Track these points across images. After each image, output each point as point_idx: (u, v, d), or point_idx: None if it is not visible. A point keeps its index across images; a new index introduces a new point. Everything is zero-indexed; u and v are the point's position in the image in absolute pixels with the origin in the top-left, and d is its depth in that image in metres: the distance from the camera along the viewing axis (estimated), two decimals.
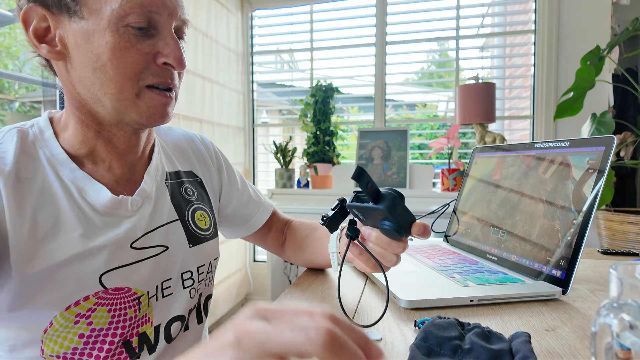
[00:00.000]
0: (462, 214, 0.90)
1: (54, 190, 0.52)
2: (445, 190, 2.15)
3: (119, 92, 0.52)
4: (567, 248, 0.61)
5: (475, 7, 2.43)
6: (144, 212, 0.59)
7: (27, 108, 1.78)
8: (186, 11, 0.57)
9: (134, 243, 0.57)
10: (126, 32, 0.50)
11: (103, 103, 0.53)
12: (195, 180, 0.72)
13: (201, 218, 0.69)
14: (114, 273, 0.53)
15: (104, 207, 0.55)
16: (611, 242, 1.73)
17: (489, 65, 2.91)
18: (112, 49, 0.50)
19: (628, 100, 2.02)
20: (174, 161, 0.70)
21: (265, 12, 2.73)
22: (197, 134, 0.79)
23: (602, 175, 0.60)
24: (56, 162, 0.54)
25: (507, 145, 0.83)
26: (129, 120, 0.55)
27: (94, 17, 0.49)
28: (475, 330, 0.40)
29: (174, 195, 0.66)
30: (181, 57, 0.55)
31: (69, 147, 0.56)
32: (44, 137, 0.55)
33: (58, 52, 0.52)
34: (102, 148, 0.57)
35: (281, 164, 2.41)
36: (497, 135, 2.07)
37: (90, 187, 0.55)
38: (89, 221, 0.53)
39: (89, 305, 0.51)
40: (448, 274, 0.67)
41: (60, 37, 0.51)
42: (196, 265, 0.65)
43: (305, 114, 2.51)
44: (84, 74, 0.52)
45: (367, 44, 2.52)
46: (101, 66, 0.50)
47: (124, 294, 0.54)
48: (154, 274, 0.58)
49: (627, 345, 0.24)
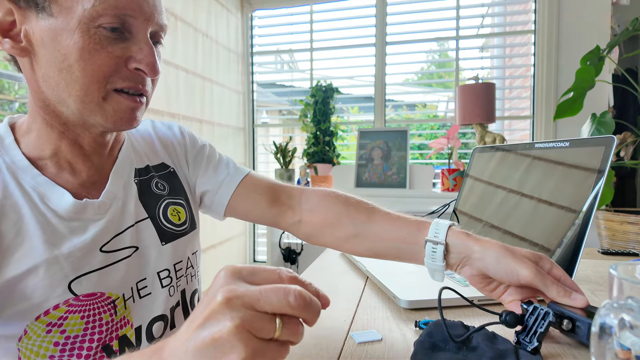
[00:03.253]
0: (462, 214, 0.90)
1: (15, 199, 0.50)
2: (445, 190, 2.15)
3: (85, 95, 0.50)
4: (567, 248, 0.61)
5: (475, 7, 2.43)
6: (112, 213, 0.57)
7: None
8: (164, 16, 0.55)
9: (103, 247, 0.55)
10: (97, 33, 0.48)
11: (67, 104, 0.51)
12: (167, 172, 0.69)
13: (174, 213, 0.66)
14: (84, 279, 0.52)
15: (67, 213, 0.52)
16: (611, 242, 1.73)
17: (489, 66, 2.91)
18: (80, 49, 0.47)
19: (628, 100, 2.02)
20: (142, 157, 0.67)
21: (265, 13, 2.73)
22: (165, 122, 0.75)
23: (602, 175, 0.60)
24: (17, 169, 0.52)
25: (507, 145, 0.83)
26: (94, 122, 0.52)
27: (64, 16, 0.47)
28: (481, 332, 0.40)
29: (143, 193, 0.63)
30: (154, 63, 0.52)
31: (31, 151, 0.54)
32: (3, 144, 0.53)
33: (22, 48, 0.49)
34: (67, 149, 0.55)
35: (281, 164, 2.41)
36: (497, 136, 2.07)
37: (53, 193, 0.52)
38: (52, 228, 0.51)
39: (60, 313, 0.50)
40: (448, 273, 0.67)
41: (26, 32, 0.49)
42: (172, 262, 0.63)
43: (305, 114, 2.51)
44: (49, 73, 0.49)
45: (367, 44, 2.53)
46: (67, 67, 0.48)
47: (97, 299, 0.53)
48: (127, 276, 0.57)
49: (627, 345, 0.24)
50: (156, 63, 0.53)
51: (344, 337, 0.47)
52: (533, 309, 0.41)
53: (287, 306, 0.28)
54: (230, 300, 0.28)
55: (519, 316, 0.41)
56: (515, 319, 0.41)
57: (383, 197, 2.20)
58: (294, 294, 0.29)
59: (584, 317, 0.40)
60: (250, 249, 2.76)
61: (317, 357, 0.42)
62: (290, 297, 0.29)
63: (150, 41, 0.52)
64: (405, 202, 2.15)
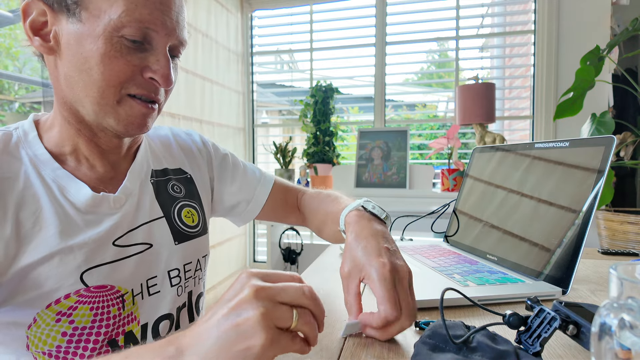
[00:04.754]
0: (462, 214, 0.90)
1: (35, 189, 0.53)
2: (445, 190, 2.15)
3: (100, 97, 0.53)
4: (567, 248, 0.61)
5: (475, 8, 2.43)
6: (127, 209, 0.59)
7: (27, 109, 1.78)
8: (186, 32, 0.58)
9: (116, 241, 0.57)
10: (119, 42, 0.51)
11: (84, 104, 0.54)
12: (184, 177, 0.72)
13: (188, 215, 0.69)
14: (95, 271, 0.54)
15: (84, 205, 0.55)
16: (611, 242, 1.74)
17: (488, 66, 2.91)
18: (101, 55, 0.51)
19: (628, 100, 2.02)
20: (160, 159, 0.70)
21: (265, 13, 2.73)
22: (185, 130, 0.78)
23: (602, 175, 0.60)
24: (38, 162, 0.54)
25: (507, 145, 0.83)
26: (107, 125, 0.55)
27: (91, 23, 0.50)
28: (481, 332, 0.40)
29: (160, 193, 0.66)
30: (168, 75, 0.55)
31: (53, 146, 0.57)
32: (27, 138, 0.56)
33: (50, 47, 0.53)
34: (84, 146, 0.58)
35: (281, 164, 2.41)
36: (497, 136, 2.07)
37: (72, 186, 0.55)
38: (69, 219, 0.53)
39: (70, 303, 0.51)
40: (448, 274, 0.67)
41: (55, 33, 0.52)
42: (182, 262, 0.65)
43: (305, 114, 2.51)
44: (70, 73, 0.53)
45: (367, 44, 2.53)
46: (87, 69, 0.51)
47: (107, 292, 0.54)
48: (138, 271, 0.58)
49: (627, 345, 0.24)
50: (170, 75, 0.56)
51: (344, 337, 0.47)
52: (539, 311, 0.40)
53: (303, 296, 0.35)
54: (257, 293, 0.33)
55: (523, 317, 0.41)
56: (519, 320, 0.40)
57: (383, 197, 2.20)
58: (307, 288, 0.36)
59: (590, 324, 0.39)
60: (250, 249, 2.76)
61: (317, 357, 0.42)
62: (305, 289, 0.35)
63: (168, 54, 0.56)
64: (405, 202, 2.15)
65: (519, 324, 0.40)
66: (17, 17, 1.53)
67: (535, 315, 0.40)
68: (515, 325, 0.40)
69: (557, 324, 0.38)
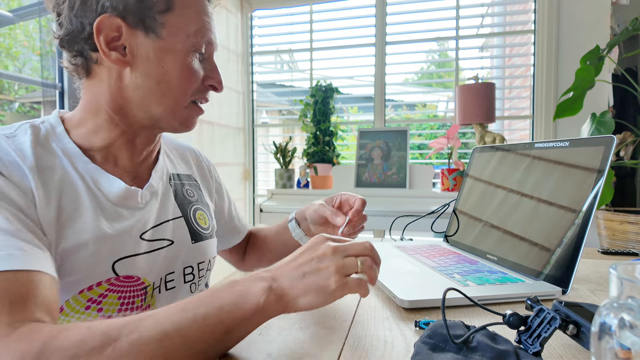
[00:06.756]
0: (462, 214, 0.90)
1: (72, 179, 0.55)
2: (445, 190, 2.15)
3: (174, 104, 0.59)
4: (567, 248, 0.61)
5: (475, 7, 2.43)
6: (152, 206, 0.63)
7: (26, 109, 1.78)
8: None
9: (143, 234, 0.60)
10: (192, 56, 0.59)
11: (151, 110, 0.59)
12: (195, 183, 0.77)
13: (201, 218, 0.73)
14: (125, 261, 0.57)
15: (116, 198, 0.58)
16: (611, 242, 1.74)
17: (488, 65, 2.91)
18: (181, 67, 0.58)
19: (628, 100, 2.02)
20: (175, 165, 0.75)
21: (265, 13, 2.73)
22: (196, 148, 0.85)
23: (602, 175, 0.60)
24: (69, 155, 0.57)
25: (507, 145, 0.83)
26: (165, 125, 0.61)
27: (171, 38, 0.57)
28: (481, 332, 0.40)
29: (177, 195, 0.70)
30: (222, 81, 0.65)
31: (81, 142, 0.59)
32: (55, 132, 0.58)
33: (125, 60, 0.57)
34: (121, 144, 0.61)
35: (281, 164, 2.41)
36: (497, 135, 2.07)
37: (103, 179, 0.58)
38: (103, 209, 0.57)
39: (101, 290, 0.54)
40: (448, 274, 0.67)
41: (131, 48, 0.56)
42: (197, 261, 0.69)
43: (305, 114, 2.51)
44: (146, 84, 0.57)
45: (367, 44, 2.53)
46: (167, 80, 0.58)
47: (134, 283, 0.57)
48: (161, 266, 0.62)
49: (627, 345, 0.24)
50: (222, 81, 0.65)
51: (344, 337, 0.47)
52: (539, 310, 0.41)
53: (366, 249, 0.46)
54: (336, 250, 0.45)
55: (523, 317, 0.41)
56: (519, 320, 0.41)
57: (383, 197, 2.20)
58: (368, 244, 0.47)
59: (590, 324, 0.39)
60: None
61: (317, 357, 0.42)
62: (366, 245, 0.47)
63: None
64: (405, 202, 2.15)
65: (519, 323, 0.40)
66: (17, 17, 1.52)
67: (535, 315, 0.40)
68: (515, 325, 0.41)
69: (557, 323, 0.39)
